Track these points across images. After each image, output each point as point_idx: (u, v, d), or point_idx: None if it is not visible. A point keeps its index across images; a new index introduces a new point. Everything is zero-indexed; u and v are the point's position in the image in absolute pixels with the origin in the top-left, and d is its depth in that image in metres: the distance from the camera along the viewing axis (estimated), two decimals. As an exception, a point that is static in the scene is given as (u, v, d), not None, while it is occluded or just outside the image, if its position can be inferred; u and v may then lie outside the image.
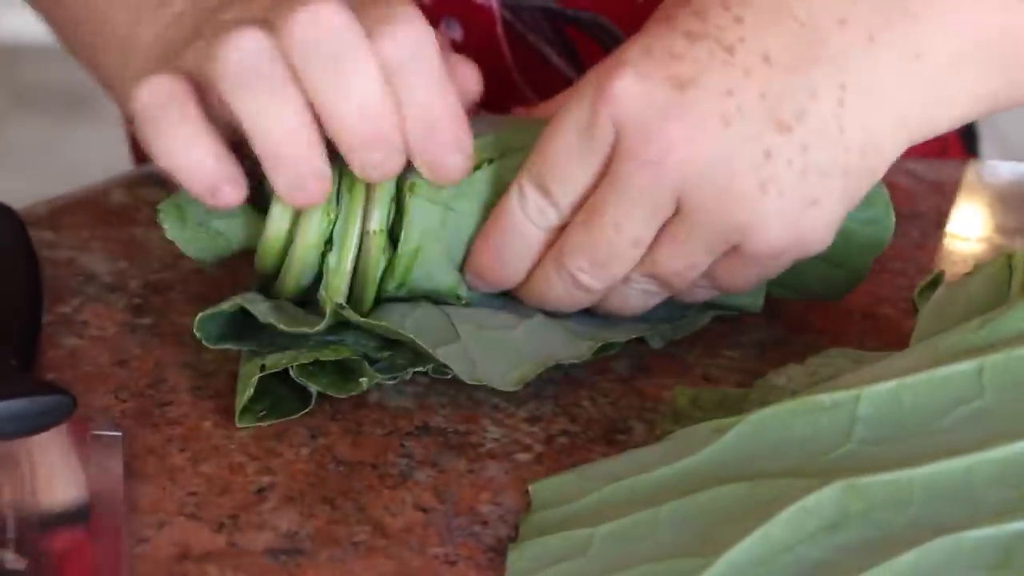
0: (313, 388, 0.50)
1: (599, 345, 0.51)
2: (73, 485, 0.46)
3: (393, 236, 0.51)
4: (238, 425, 0.49)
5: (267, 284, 0.52)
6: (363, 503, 0.47)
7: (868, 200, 0.53)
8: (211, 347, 0.51)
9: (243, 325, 0.51)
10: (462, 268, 0.52)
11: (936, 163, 0.69)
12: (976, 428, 0.43)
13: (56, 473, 0.47)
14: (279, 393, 0.50)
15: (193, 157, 0.48)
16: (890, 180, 0.67)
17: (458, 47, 0.51)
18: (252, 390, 0.49)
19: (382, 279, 0.51)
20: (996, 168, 0.71)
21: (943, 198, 0.66)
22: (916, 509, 0.41)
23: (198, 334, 0.50)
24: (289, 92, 0.47)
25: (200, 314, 0.50)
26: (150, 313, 0.55)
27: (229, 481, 0.47)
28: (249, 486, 0.47)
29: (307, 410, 0.50)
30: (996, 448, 0.42)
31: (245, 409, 0.49)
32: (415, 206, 0.51)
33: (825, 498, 0.41)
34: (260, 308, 0.50)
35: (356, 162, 0.49)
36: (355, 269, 0.51)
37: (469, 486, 0.48)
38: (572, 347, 0.51)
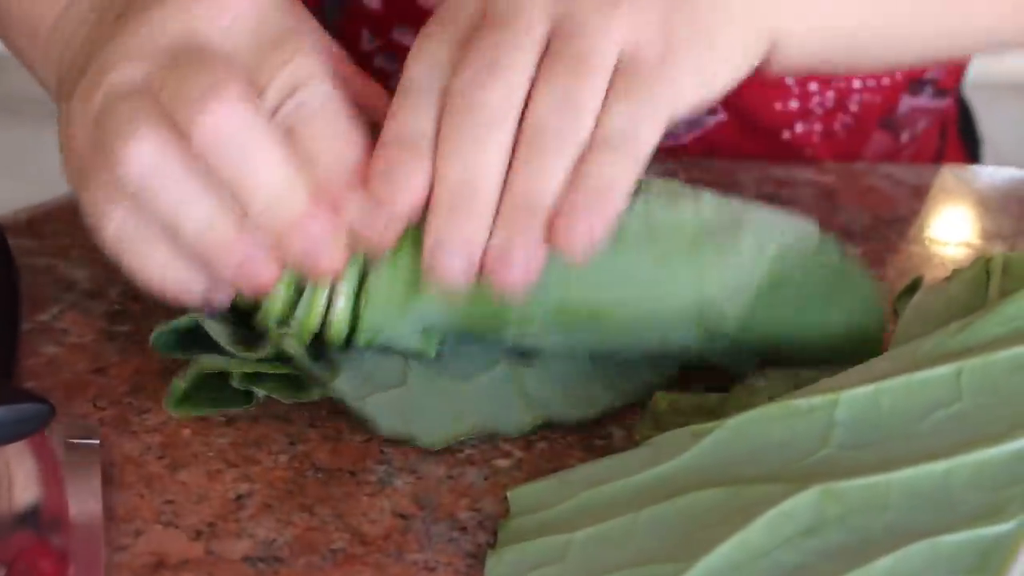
0: (260, 392, 0.50)
1: (541, 422, 0.50)
2: (51, 494, 0.46)
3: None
4: (167, 410, 0.49)
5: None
6: (341, 510, 0.46)
7: (862, 313, 0.52)
8: (160, 354, 0.50)
9: (196, 337, 0.50)
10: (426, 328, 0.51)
11: (916, 167, 0.69)
12: (954, 432, 0.43)
13: (34, 481, 0.47)
14: (225, 387, 0.50)
15: (174, 278, 0.48)
16: (870, 184, 0.67)
17: None
18: (185, 384, 0.49)
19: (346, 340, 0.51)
20: (976, 172, 0.71)
21: (923, 202, 0.66)
22: (893, 513, 0.41)
23: (153, 341, 0.50)
24: (202, 191, 0.46)
25: (157, 328, 0.50)
26: (129, 320, 0.55)
27: (207, 489, 0.47)
28: (227, 494, 0.47)
29: (251, 405, 0.50)
30: (974, 452, 0.42)
31: (185, 399, 0.49)
32: (371, 310, 0.49)
33: (802, 503, 0.41)
34: (213, 326, 0.50)
35: (293, 262, 0.47)
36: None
37: (448, 492, 0.47)
38: (517, 416, 0.50)
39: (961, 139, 0.83)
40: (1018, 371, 0.44)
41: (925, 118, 0.74)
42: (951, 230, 0.65)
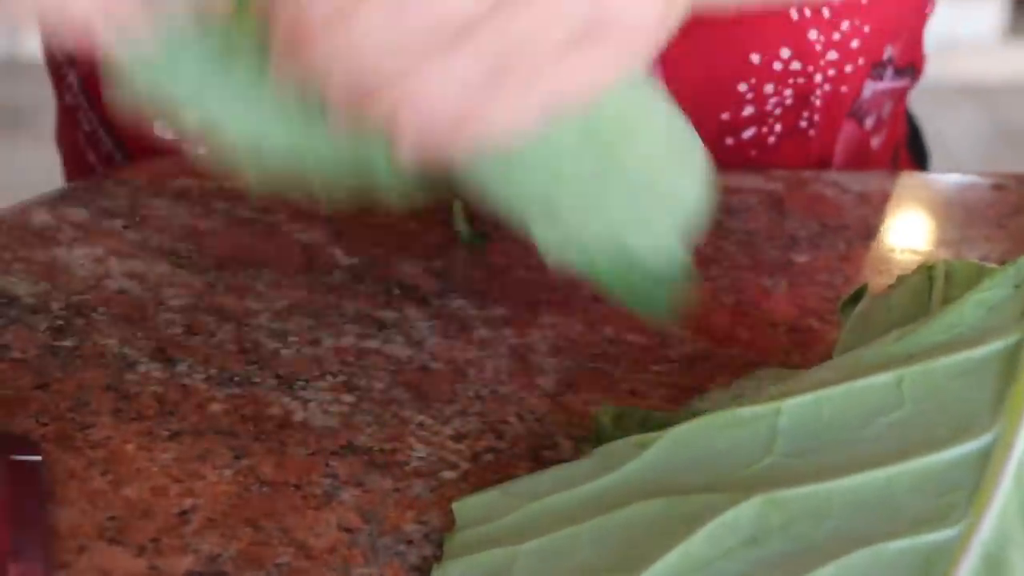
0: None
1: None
2: (-8, 511, 0.46)
3: None
4: None
5: None
6: (287, 524, 0.46)
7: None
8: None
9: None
10: None
11: (862, 175, 0.69)
12: (896, 439, 0.43)
13: (-25, 499, 0.46)
14: None
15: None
16: (816, 192, 0.67)
17: None
18: None
19: None
20: (921, 179, 0.72)
21: (869, 209, 0.67)
22: (836, 521, 0.41)
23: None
24: None
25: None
26: (72, 335, 0.55)
27: (151, 504, 0.47)
28: (171, 509, 0.47)
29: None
30: (916, 459, 0.42)
31: None
32: None
33: (745, 513, 0.41)
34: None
35: None
36: None
37: (394, 505, 0.47)
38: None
39: (912, 157, 0.83)
40: (959, 378, 0.44)
41: (889, 100, 0.74)
42: (897, 237, 0.65)
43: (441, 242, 0.62)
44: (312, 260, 0.60)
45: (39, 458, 0.48)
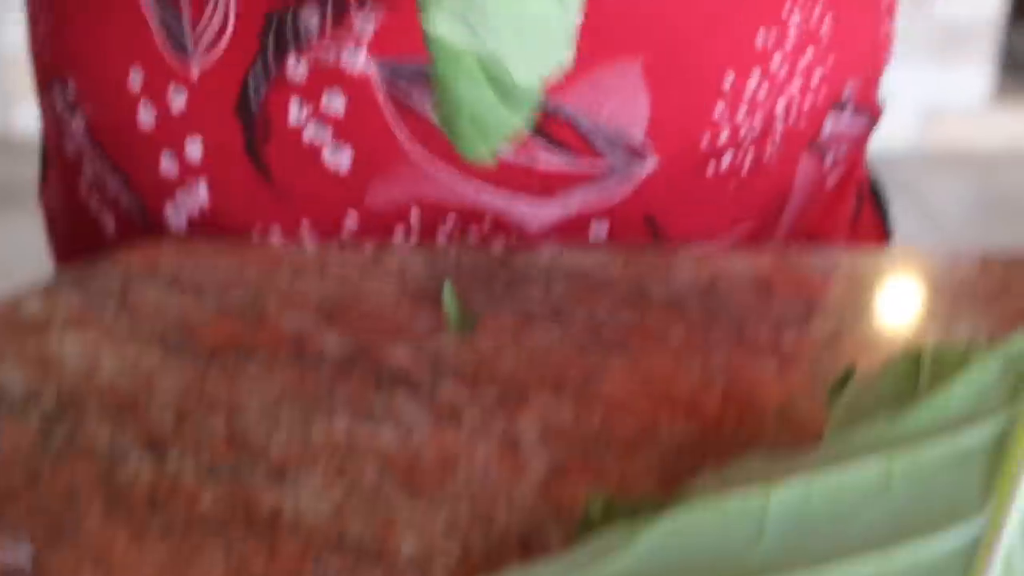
0: None
1: None
2: (-18, 609, 0.46)
3: None
4: None
5: None
6: (277, 620, 0.46)
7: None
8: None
9: None
10: None
11: (851, 253, 0.70)
12: (885, 529, 0.43)
13: (-35, 597, 0.46)
14: None
15: None
16: (803, 271, 0.68)
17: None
18: None
19: None
20: (910, 254, 0.72)
21: (856, 287, 0.67)
22: (827, 614, 0.41)
23: None
24: None
25: None
26: (63, 427, 0.55)
27: (141, 601, 0.47)
28: (162, 605, 0.47)
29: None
30: (904, 548, 0.43)
31: None
32: None
33: (736, 606, 0.41)
34: None
35: None
36: None
37: (385, 598, 0.47)
38: None
39: (874, 202, 0.85)
40: (947, 464, 0.44)
41: (846, 142, 0.76)
42: (885, 315, 0.66)
43: (431, 326, 0.62)
44: (302, 347, 0.61)
45: (29, 555, 0.47)
